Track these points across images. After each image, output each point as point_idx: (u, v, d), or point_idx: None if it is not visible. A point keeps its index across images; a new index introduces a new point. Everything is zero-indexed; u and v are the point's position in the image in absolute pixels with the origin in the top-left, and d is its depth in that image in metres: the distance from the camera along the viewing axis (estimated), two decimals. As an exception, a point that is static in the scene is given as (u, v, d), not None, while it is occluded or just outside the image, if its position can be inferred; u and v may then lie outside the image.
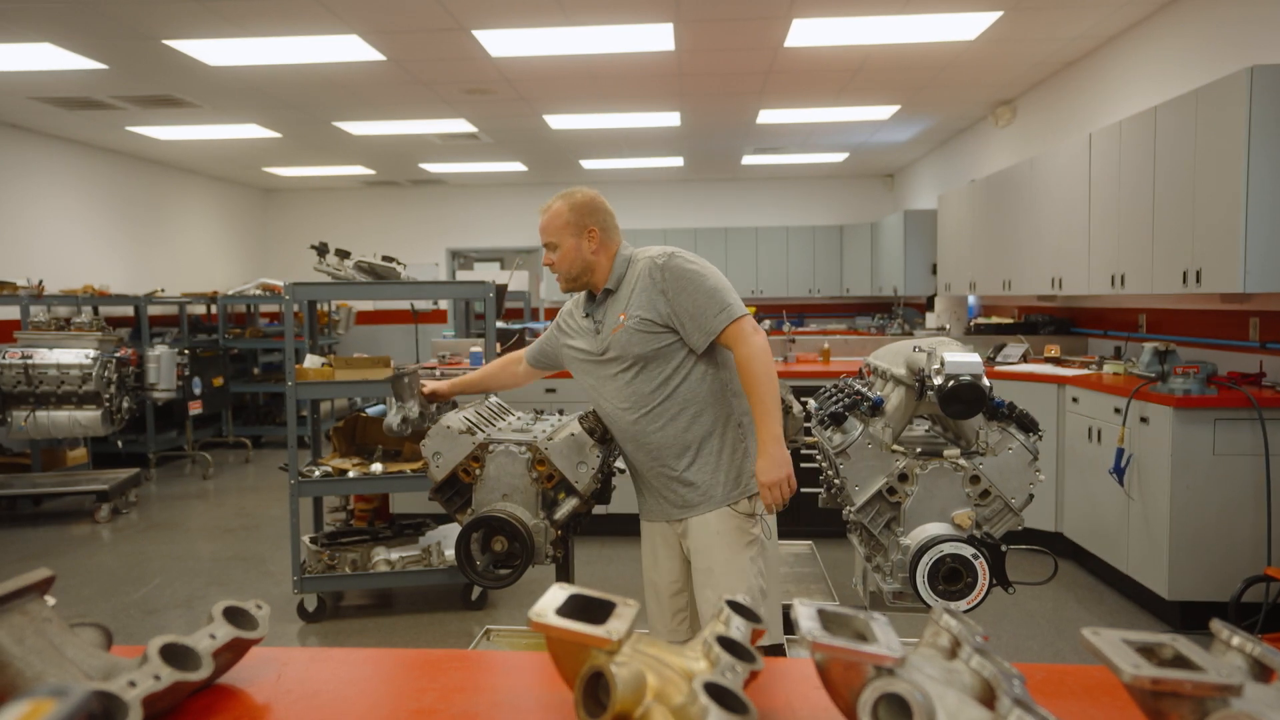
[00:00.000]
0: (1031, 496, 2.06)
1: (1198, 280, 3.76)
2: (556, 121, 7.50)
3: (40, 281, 6.66)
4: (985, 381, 1.98)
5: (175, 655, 0.95)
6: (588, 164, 9.82)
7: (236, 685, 1.05)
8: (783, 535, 3.83)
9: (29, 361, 5.52)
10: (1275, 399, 3.53)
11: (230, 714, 0.98)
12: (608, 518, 2.97)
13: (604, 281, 2.29)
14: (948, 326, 7.15)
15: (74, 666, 0.91)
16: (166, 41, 5.10)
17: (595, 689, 0.88)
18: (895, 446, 2.12)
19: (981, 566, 1.88)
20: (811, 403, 2.55)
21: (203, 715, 0.98)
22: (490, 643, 3.21)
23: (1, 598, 0.89)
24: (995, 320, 6.63)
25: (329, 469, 3.96)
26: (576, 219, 2.26)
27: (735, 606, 1.02)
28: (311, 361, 4.08)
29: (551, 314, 8.76)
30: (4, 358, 5.53)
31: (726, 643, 0.94)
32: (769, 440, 2.12)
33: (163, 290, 8.44)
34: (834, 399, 2.35)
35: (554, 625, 0.90)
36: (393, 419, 2.44)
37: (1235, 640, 0.86)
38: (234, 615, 1.05)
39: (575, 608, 0.96)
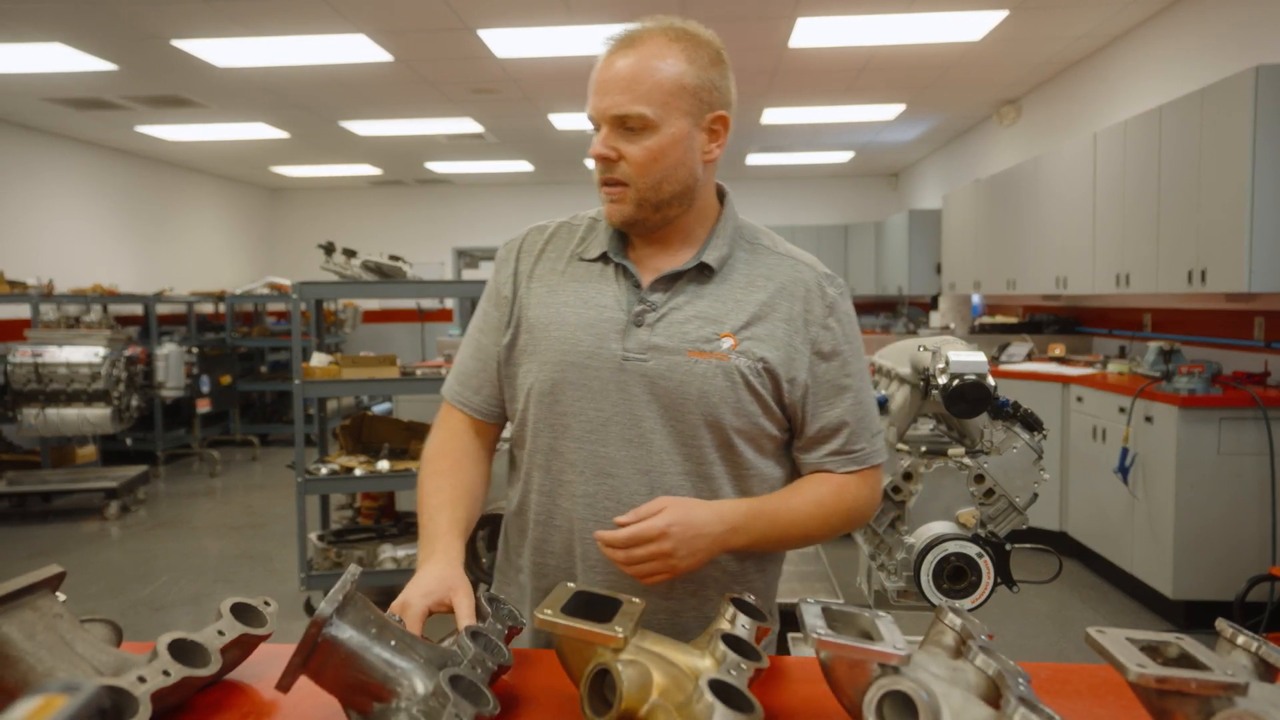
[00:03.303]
0: (1036, 495, 2.06)
1: (1202, 280, 3.75)
2: (562, 121, 7.50)
3: (50, 280, 6.70)
4: (990, 380, 1.98)
5: (184, 651, 0.96)
6: (592, 163, 9.84)
7: (244, 681, 1.06)
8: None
9: (39, 360, 5.56)
10: (1281, 399, 3.53)
11: (238, 709, 0.99)
12: (613, 516, 2.96)
13: (693, 243, 1.24)
14: (952, 325, 7.13)
15: (84, 662, 0.91)
16: (175, 42, 5.12)
17: (601, 686, 0.88)
18: (900, 445, 2.12)
19: (986, 565, 1.88)
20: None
21: (211, 711, 0.99)
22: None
23: (13, 594, 0.90)
24: (1000, 319, 6.62)
25: (335, 467, 3.97)
26: (700, 89, 1.17)
27: (740, 604, 1.02)
28: (318, 360, 4.09)
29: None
30: (14, 356, 5.56)
31: (732, 640, 0.94)
32: (739, 525, 1.13)
33: (171, 289, 8.47)
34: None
35: (560, 623, 0.91)
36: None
37: (1240, 639, 0.86)
38: (242, 612, 1.06)
39: (581, 605, 0.97)
